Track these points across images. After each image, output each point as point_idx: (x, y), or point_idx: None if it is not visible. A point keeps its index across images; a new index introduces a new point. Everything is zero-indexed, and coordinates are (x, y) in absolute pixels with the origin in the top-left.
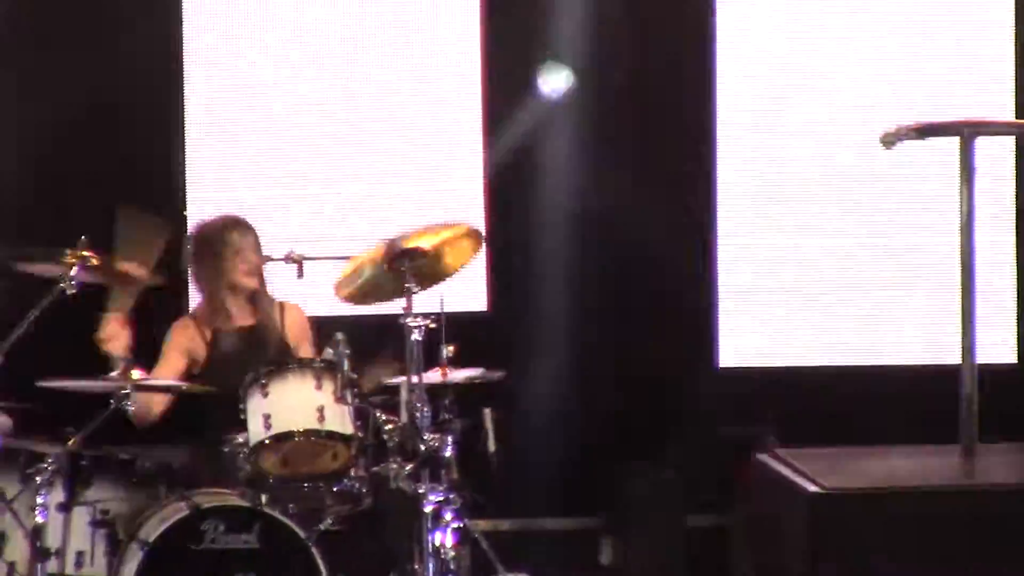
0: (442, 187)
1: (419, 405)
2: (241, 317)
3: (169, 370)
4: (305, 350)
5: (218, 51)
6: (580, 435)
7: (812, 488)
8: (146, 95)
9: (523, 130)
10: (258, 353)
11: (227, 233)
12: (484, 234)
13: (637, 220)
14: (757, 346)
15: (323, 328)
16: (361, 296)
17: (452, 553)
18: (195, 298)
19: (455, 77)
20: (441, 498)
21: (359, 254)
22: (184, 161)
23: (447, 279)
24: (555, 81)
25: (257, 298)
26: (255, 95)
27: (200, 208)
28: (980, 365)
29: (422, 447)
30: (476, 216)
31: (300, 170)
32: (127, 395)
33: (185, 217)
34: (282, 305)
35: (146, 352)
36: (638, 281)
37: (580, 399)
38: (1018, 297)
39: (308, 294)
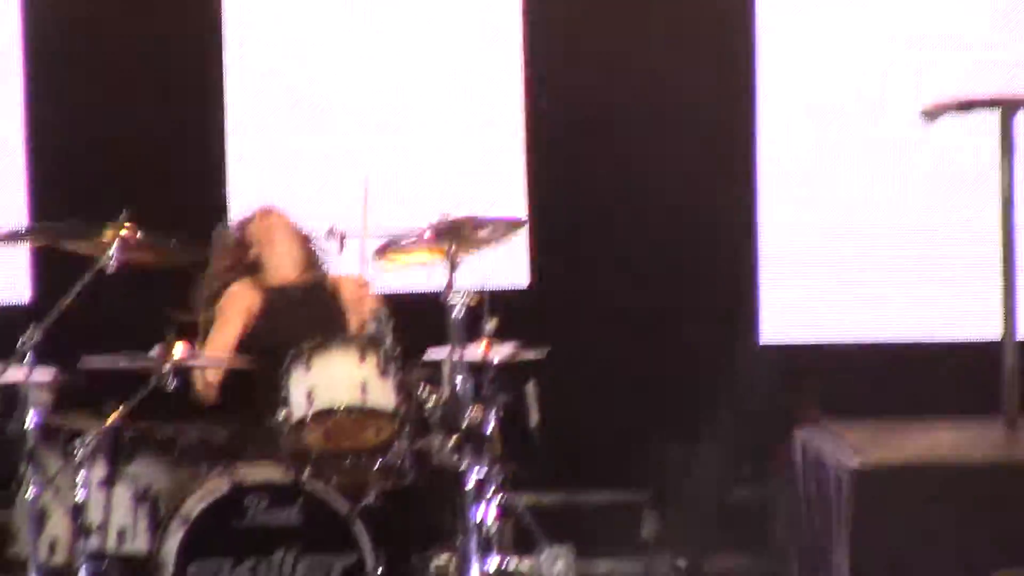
0: (484, 164)
1: (461, 380)
2: (279, 277)
3: (227, 334)
4: (359, 317)
5: (256, 30)
6: (622, 409)
7: (854, 462)
8: (186, 74)
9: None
10: (311, 310)
11: (261, 219)
12: (526, 210)
13: (680, 195)
14: (799, 321)
15: None
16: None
17: (495, 527)
18: None
19: (495, 46)
20: (483, 473)
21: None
22: (224, 145)
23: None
24: None
25: (304, 262)
26: (294, 72)
27: (241, 190)
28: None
29: (464, 422)
30: (518, 189)
31: (341, 146)
32: (168, 373)
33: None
34: (335, 279)
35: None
36: (681, 256)
37: (622, 373)
38: None
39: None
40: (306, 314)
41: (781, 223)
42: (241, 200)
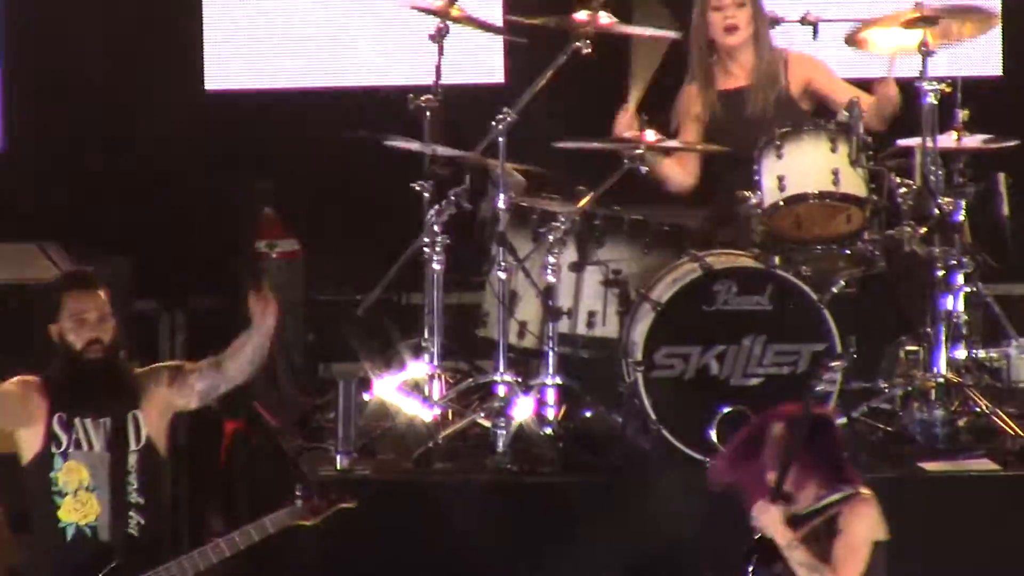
0: None
1: (933, 169)
2: (732, 79)
3: (685, 136)
4: (841, 92)
5: None
6: None
7: None
8: None
9: None
10: (749, 114)
11: None
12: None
13: None
14: None
15: None
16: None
17: (964, 317)
18: None
19: None
20: (953, 262)
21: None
22: None
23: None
24: None
25: (742, 55)
26: None
27: None
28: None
29: (935, 211)
30: None
31: None
32: (640, 155)
33: None
34: (787, 57)
35: None
36: None
37: None
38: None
39: (825, 56)
40: (743, 118)
41: None
42: None
